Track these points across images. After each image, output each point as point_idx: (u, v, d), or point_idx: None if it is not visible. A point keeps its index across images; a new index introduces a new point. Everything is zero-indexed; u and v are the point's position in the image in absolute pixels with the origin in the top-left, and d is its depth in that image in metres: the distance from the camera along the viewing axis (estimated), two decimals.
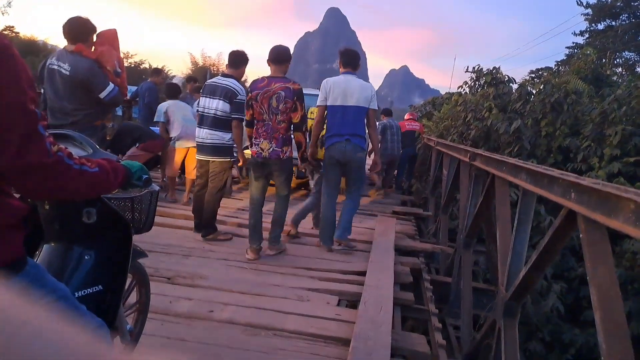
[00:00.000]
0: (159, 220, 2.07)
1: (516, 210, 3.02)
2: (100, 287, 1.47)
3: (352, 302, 3.37)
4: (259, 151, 3.81)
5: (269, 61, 3.84)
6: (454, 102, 9.54)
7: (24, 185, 1.05)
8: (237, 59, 4.18)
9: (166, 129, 5.43)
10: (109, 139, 4.52)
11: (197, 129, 4.20)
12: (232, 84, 4.04)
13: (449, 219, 6.44)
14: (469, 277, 4.47)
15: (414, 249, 4.92)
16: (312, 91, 6.73)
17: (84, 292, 1.42)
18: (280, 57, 3.83)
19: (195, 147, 4.35)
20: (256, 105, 3.77)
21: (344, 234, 4.34)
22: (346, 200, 4.36)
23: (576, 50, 25.39)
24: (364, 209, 6.30)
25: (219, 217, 4.42)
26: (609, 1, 25.60)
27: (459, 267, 4.74)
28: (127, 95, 4.08)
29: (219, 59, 28.05)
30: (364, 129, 4.21)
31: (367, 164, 4.67)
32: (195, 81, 7.28)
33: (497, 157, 3.84)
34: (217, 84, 4.06)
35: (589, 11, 26.53)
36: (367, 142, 4.62)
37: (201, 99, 4.15)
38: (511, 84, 8.73)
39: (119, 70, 3.67)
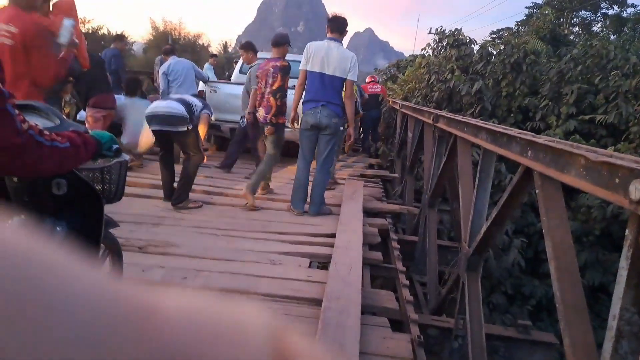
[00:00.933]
0: (127, 190, 2.06)
1: (477, 169, 3.14)
2: (93, 263, 1.48)
3: (323, 263, 3.46)
4: (260, 117, 4.58)
5: (271, 45, 4.61)
6: (417, 64, 9.59)
7: None
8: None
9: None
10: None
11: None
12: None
13: (414, 180, 6.59)
14: (434, 235, 4.64)
15: (381, 210, 5.04)
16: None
17: None
18: (277, 40, 4.60)
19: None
20: (259, 81, 4.55)
21: (319, 209, 4.40)
22: (316, 173, 4.38)
23: (535, 10, 25.68)
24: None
25: None
26: None
27: (425, 226, 4.90)
28: (88, 65, 3.92)
29: (180, 23, 26.96)
30: (341, 98, 4.22)
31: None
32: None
33: (459, 118, 3.94)
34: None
35: None
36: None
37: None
38: (473, 45, 8.84)
39: (75, 40, 3.55)
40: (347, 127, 4.53)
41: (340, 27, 4.21)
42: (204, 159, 4.28)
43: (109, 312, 0.18)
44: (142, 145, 5.08)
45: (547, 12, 11.32)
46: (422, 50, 10.36)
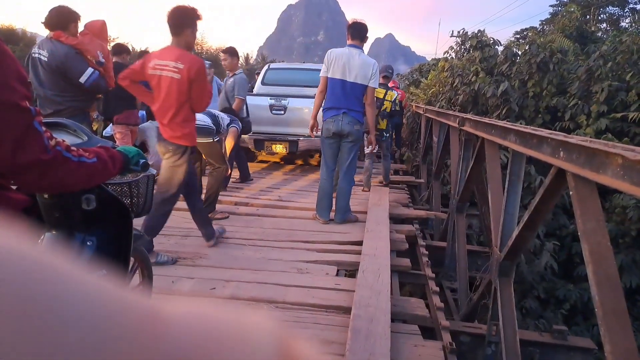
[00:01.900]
0: None
1: (507, 172, 3.07)
2: (103, 272, 1.49)
3: (351, 271, 3.43)
4: None
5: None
6: (440, 68, 9.51)
7: (23, 181, 1.05)
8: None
9: None
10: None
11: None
12: None
13: (441, 184, 6.51)
14: (463, 240, 4.55)
15: (408, 216, 4.99)
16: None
17: None
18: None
19: None
20: None
21: (345, 216, 4.38)
22: (339, 181, 4.36)
23: (560, 8, 25.22)
24: (357, 180, 6.34)
25: None
26: None
27: (453, 231, 4.82)
28: (114, 84, 4.01)
29: (202, 37, 27.45)
30: (362, 105, 4.19)
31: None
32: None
33: (486, 120, 3.87)
34: None
35: None
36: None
37: None
38: (497, 47, 8.71)
39: (101, 60, 3.66)
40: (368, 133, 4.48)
41: (360, 34, 4.19)
42: (229, 171, 4.32)
43: (115, 318, 0.18)
44: None
45: (572, 9, 11.09)
46: (444, 53, 10.26)
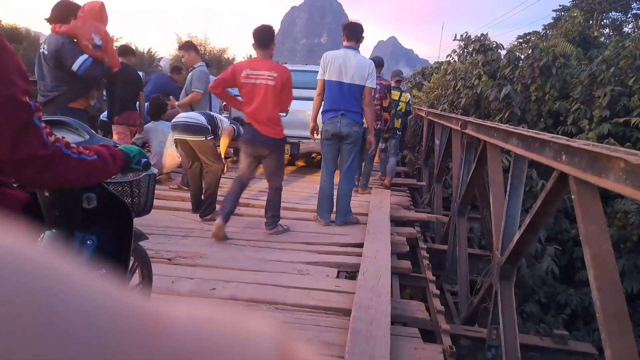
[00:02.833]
0: (156, 203, 2.09)
1: (508, 175, 3.07)
2: (103, 271, 1.49)
3: (351, 273, 3.42)
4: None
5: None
6: (443, 71, 9.51)
7: (22, 177, 1.05)
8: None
9: None
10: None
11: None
12: None
13: (442, 187, 6.50)
14: (464, 243, 4.54)
15: (409, 218, 4.98)
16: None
17: None
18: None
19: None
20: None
21: (346, 218, 4.37)
22: (340, 183, 4.35)
23: (563, 12, 25.18)
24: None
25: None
26: None
27: (454, 234, 4.81)
28: (118, 64, 3.96)
29: (205, 38, 27.42)
30: (360, 106, 4.19)
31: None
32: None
33: (488, 123, 3.86)
34: None
35: None
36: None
37: None
38: (499, 50, 8.71)
39: (98, 43, 3.61)
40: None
41: (356, 34, 4.18)
42: (224, 169, 4.30)
43: (117, 321, 0.18)
44: (167, 166, 5.47)
45: (575, 14, 11.07)
46: (447, 56, 10.27)
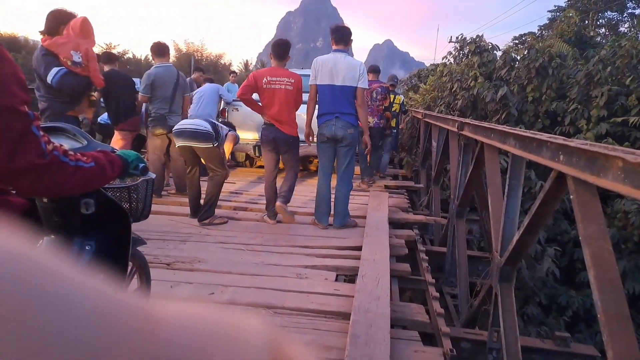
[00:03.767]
0: (154, 207, 2.09)
1: (506, 176, 3.06)
2: (101, 276, 1.48)
3: (350, 276, 3.41)
4: None
5: None
6: (439, 73, 9.52)
7: (20, 185, 1.04)
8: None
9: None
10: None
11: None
12: None
13: (440, 189, 6.49)
14: (463, 245, 4.54)
15: (407, 221, 4.97)
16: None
17: None
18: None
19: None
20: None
21: (344, 221, 4.36)
22: (337, 186, 4.34)
23: (558, 13, 25.33)
24: (355, 185, 6.33)
25: None
26: None
27: (453, 237, 4.80)
28: (102, 83, 3.91)
29: (202, 44, 27.46)
30: (353, 107, 4.20)
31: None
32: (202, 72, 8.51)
33: (485, 125, 3.86)
34: None
35: None
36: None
37: None
38: (495, 52, 8.73)
39: (77, 60, 3.57)
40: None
41: (344, 37, 4.21)
42: (228, 176, 4.32)
43: (110, 321, 0.18)
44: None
45: (571, 14, 11.10)
46: (443, 58, 10.28)
